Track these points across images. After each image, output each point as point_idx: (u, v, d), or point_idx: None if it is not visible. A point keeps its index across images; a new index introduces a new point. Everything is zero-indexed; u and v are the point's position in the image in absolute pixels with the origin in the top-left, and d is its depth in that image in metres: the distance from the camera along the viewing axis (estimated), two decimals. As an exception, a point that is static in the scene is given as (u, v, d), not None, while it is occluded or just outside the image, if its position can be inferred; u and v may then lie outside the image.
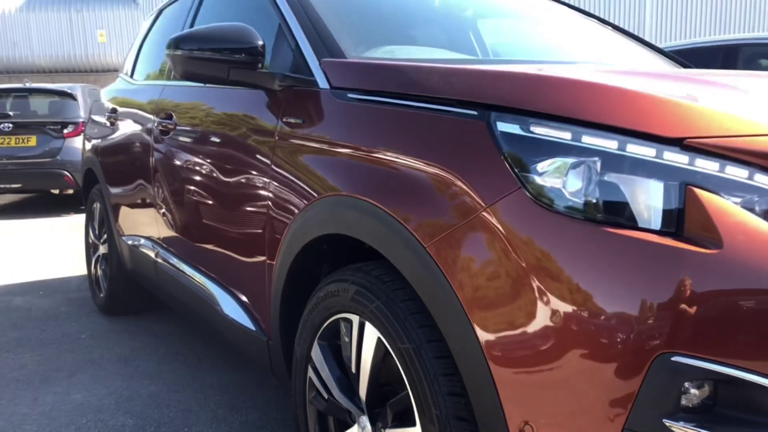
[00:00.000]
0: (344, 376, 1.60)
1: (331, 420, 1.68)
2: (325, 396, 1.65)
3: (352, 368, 1.55)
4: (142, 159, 2.92)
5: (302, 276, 1.79)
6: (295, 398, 1.80)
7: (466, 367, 1.23)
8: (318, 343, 1.67)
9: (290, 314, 1.83)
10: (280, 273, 1.81)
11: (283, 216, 1.81)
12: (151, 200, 2.87)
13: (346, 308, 1.53)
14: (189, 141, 2.46)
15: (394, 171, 1.42)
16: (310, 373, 1.71)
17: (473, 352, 1.21)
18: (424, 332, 1.33)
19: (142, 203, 3.02)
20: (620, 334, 1.05)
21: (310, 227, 1.67)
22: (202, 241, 2.38)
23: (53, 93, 8.47)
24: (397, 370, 1.38)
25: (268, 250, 1.90)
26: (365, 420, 1.52)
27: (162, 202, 2.74)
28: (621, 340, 1.05)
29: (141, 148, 2.96)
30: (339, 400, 1.60)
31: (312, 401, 1.72)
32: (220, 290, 2.26)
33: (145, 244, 3.01)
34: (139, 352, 3.20)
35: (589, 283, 1.09)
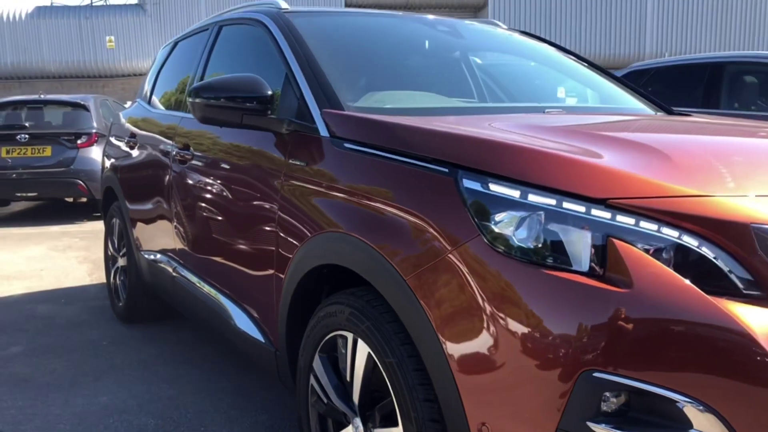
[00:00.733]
0: (341, 384, 1.89)
1: (330, 421, 1.97)
2: (325, 400, 1.94)
3: (347, 377, 1.84)
4: (161, 183, 3.22)
5: (306, 296, 2.08)
6: (299, 402, 2.09)
7: (437, 378, 1.52)
8: (319, 356, 1.96)
9: (295, 329, 2.12)
10: (287, 293, 2.10)
11: (289, 244, 2.09)
12: (169, 220, 3.16)
13: (342, 327, 1.82)
14: (205, 170, 2.76)
15: (381, 214, 1.71)
16: (312, 381, 2.00)
17: (442, 366, 1.49)
18: (405, 349, 1.61)
19: (160, 222, 3.31)
20: (554, 354, 1.34)
21: (311, 257, 1.96)
22: (217, 260, 2.67)
23: (67, 104, 8.80)
24: (384, 379, 1.67)
25: (276, 273, 2.19)
26: (358, 421, 1.81)
27: (180, 223, 3.03)
28: (555, 359, 1.33)
29: (160, 172, 3.25)
30: (336, 404, 1.89)
31: (314, 405, 2.01)
32: (232, 305, 2.55)
33: (163, 259, 3.31)
34: (157, 358, 3.49)
35: (532, 313, 1.37)
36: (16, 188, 8.21)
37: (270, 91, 2.21)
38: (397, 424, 1.63)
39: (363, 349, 1.75)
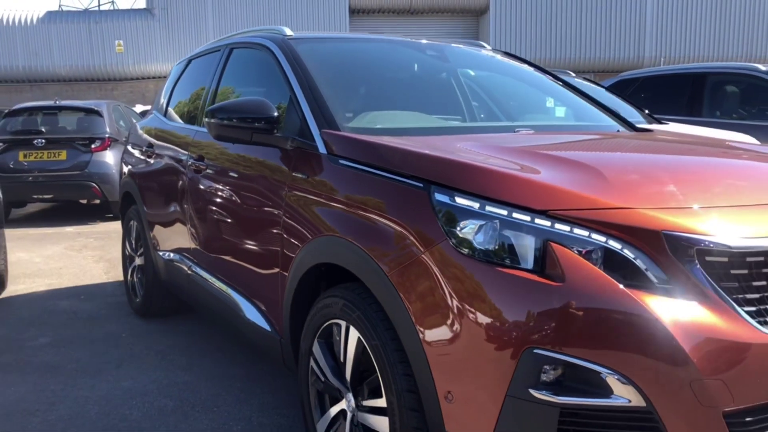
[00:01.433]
0: (336, 365, 2.23)
1: (327, 397, 2.31)
2: (323, 379, 2.28)
3: (341, 358, 2.17)
4: (177, 189, 3.56)
5: (306, 290, 2.42)
6: (301, 382, 2.42)
7: (413, 356, 1.85)
8: (317, 341, 2.30)
9: (297, 319, 2.45)
10: (290, 288, 2.44)
11: (292, 245, 2.43)
12: (184, 223, 3.51)
13: (337, 316, 2.16)
14: (218, 179, 3.10)
15: (370, 221, 2.04)
16: (312, 363, 2.34)
17: (417, 347, 1.82)
18: (388, 333, 1.95)
19: (175, 225, 3.66)
20: (504, 335, 1.67)
21: (311, 256, 2.30)
22: (228, 260, 3.01)
23: (81, 110, 9.16)
24: (371, 360, 2.00)
25: (281, 270, 2.53)
26: (350, 395, 2.15)
27: (194, 226, 3.37)
28: (504, 339, 1.67)
29: (176, 180, 3.60)
30: (332, 381, 2.23)
31: (313, 384, 2.35)
32: (242, 299, 2.89)
33: (178, 258, 3.65)
34: (173, 348, 3.83)
35: (488, 303, 1.70)
36: (33, 190, 8.57)
37: (276, 113, 2.55)
38: (382, 396, 1.97)
39: (354, 335, 2.08)
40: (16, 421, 2.93)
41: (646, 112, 5.92)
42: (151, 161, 4.09)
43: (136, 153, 4.45)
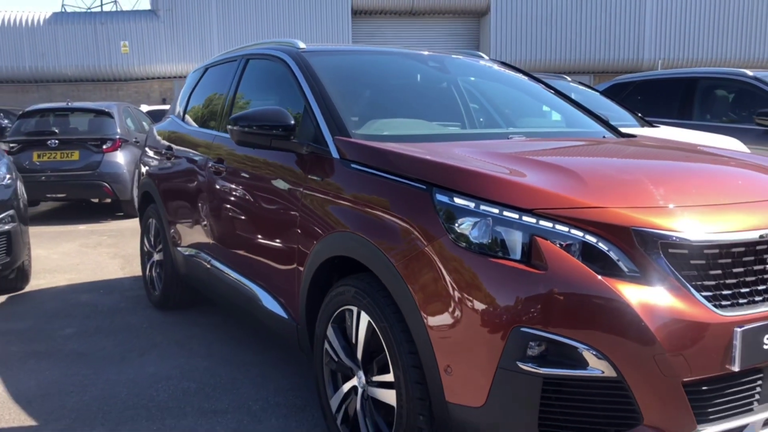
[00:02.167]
0: (348, 346, 2.50)
1: (339, 375, 2.58)
2: (336, 359, 2.56)
3: (353, 340, 2.45)
4: (197, 189, 3.84)
5: (320, 281, 2.69)
6: (316, 363, 2.70)
7: (418, 336, 2.12)
8: (331, 326, 2.57)
9: (312, 307, 2.73)
10: (306, 278, 2.71)
11: (308, 240, 2.71)
12: (204, 221, 3.78)
13: (350, 302, 2.43)
14: (237, 180, 3.37)
15: (379, 219, 2.32)
16: (326, 346, 2.61)
17: (421, 328, 2.10)
18: (395, 317, 2.22)
19: (195, 222, 3.93)
20: (495, 316, 1.94)
21: (326, 250, 2.57)
22: (247, 254, 3.28)
23: (92, 111, 9.45)
24: (380, 340, 2.28)
25: (297, 262, 2.80)
26: (361, 373, 2.42)
27: (214, 223, 3.65)
28: (496, 320, 1.94)
29: (196, 180, 3.87)
30: (345, 361, 2.50)
31: (327, 364, 2.63)
32: (260, 290, 3.17)
33: (198, 254, 3.93)
34: (191, 338, 4.11)
35: (481, 288, 1.98)
36: (47, 190, 8.85)
37: (293, 121, 2.82)
38: (389, 371, 2.24)
39: (365, 319, 2.36)
40: (54, 401, 3.20)
41: (639, 115, 6.19)
42: (170, 163, 4.37)
43: (155, 155, 4.73)
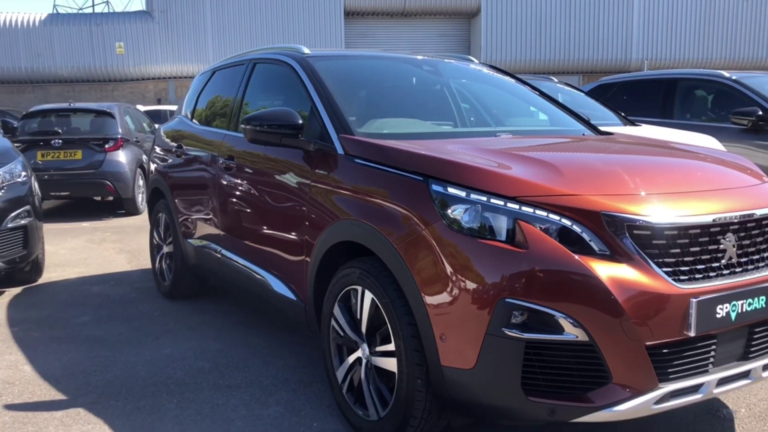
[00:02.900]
0: (353, 322, 2.79)
1: (345, 348, 2.87)
2: (342, 334, 2.85)
3: (358, 316, 2.74)
4: (208, 185, 4.12)
5: (328, 264, 2.98)
6: (323, 339, 2.99)
7: (416, 310, 2.41)
8: (338, 304, 2.86)
9: (319, 289, 3.02)
10: (314, 263, 3.00)
11: (316, 228, 2.99)
12: (214, 214, 4.06)
13: (355, 282, 2.72)
14: (248, 176, 3.66)
15: (381, 207, 2.61)
16: (333, 323, 2.90)
17: (419, 302, 2.39)
18: (396, 294, 2.51)
19: (205, 215, 4.22)
20: (484, 289, 2.24)
21: (333, 236, 2.87)
22: (258, 243, 3.57)
23: (94, 112, 9.70)
24: (382, 315, 2.57)
25: (306, 249, 3.09)
26: (365, 345, 2.72)
27: (225, 216, 3.93)
28: (484, 292, 2.24)
29: (206, 177, 4.16)
30: (350, 335, 2.79)
31: (333, 339, 2.92)
32: (270, 276, 3.45)
33: (208, 245, 4.21)
34: (202, 324, 4.39)
35: (472, 266, 2.27)
36: (51, 188, 9.08)
37: (300, 121, 3.11)
38: (391, 342, 2.54)
39: (368, 296, 2.65)
40: (78, 379, 3.48)
41: (622, 114, 6.51)
42: (181, 160, 4.65)
43: (164, 153, 5.01)
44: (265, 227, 3.49)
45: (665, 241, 2.29)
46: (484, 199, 2.33)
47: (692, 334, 2.26)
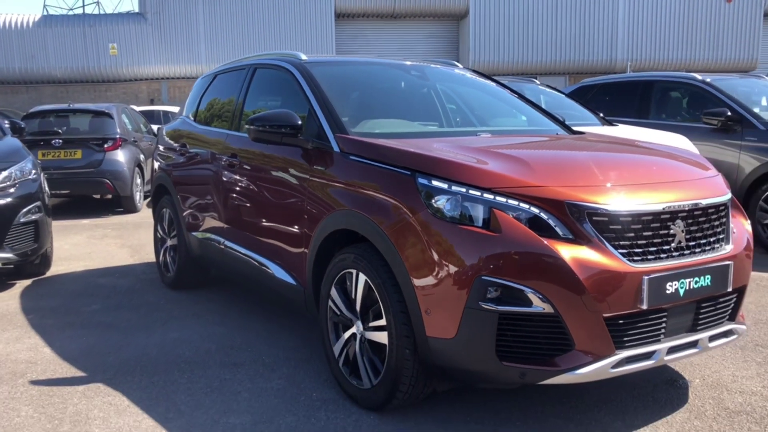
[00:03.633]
0: (348, 301, 3.12)
1: (341, 326, 3.20)
2: (338, 313, 3.17)
3: (352, 296, 3.07)
4: (212, 181, 4.44)
5: (325, 251, 3.30)
6: (321, 319, 3.31)
7: (405, 288, 2.74)
8: (334, 287, 3.18)
9: (318, 273, 3.34)
10: (312, 250, 3.32)
11: (315, 219, 3.32)
12: (218, 208, 4.38)
13: (350, 266, 3.05)
14: (250, 172, 3.98)
15: (373, 198, 2.94)
16: (330, 303, 3.22)
17: (408, 281, 2.72)
18: (387, 275, 2.84)
19: (209, 209, 4.53)
20: (463, 268, 2.57)
21: (330, 225, 3.19)
22: (260, 234, 3.89)
23: (93, 112, 9.98)
24: (375, 294, 2.90)
25: (304, 238, 3.42)
26: (359, 322, 3.04)
27: (227, 210, 4.25)
28: (464, 272, 2.57)
29: (210, 173, 4.47)
30: (345, 313, 3.12)
31: (330, 318, 3.24)
32: (272, 263, 3.77)
33: (212, 237, 4.52)
34: (206, 311, 4.70)
35: (453, 249, 2.60)
36: (51, 187, 9.20)
37: (300, 121, 3.43)
38: (382, 317, 2.87)
39: (362, 278, 2.98)
40: (95, 359, 3.79)
41: (601, 115, 6.87)
42: (185, 158, 4.96)
43: (168, 152, 5.32)
44: (266, 219, 3.81)
45: (621, 227, 2.63)
46: (464, 190, 2.66)
47: (644, 307, 2.60)
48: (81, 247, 7.28)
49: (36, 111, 9.98)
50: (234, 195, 4.17)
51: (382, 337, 2.90)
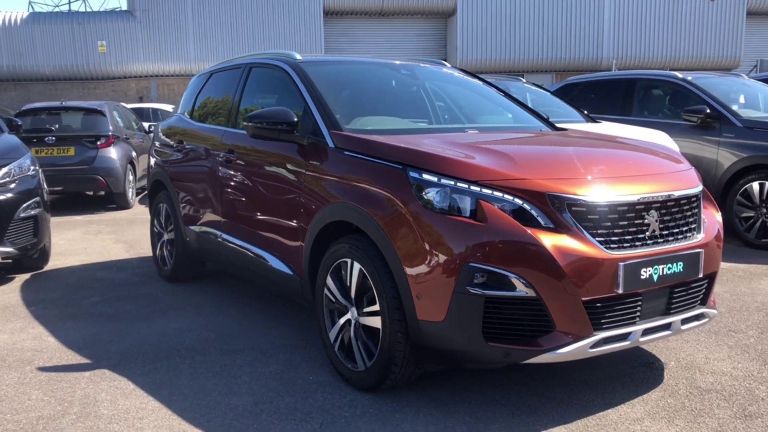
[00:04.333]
0: (343, 289, 3.29)
1: (336, 313, 3.37)
2: (333, 301, 3.34)
3: (347, 284, 3.24)
4: (209, 176, 4.59)
5: (321, 242, 3.47)
6: (317, 307, 3.48)
7: (397, 275, 2.92)
8: (330, 276, 3.36)
9: (314, 263, 3.51)
10: (309, 241, 3.49)
11: (310, 212, 3.49)
12: (215, 202, 4.54)
13: (345, 255, 3.22)
14: (247, 167, 4.14)
15: (366, 191, 3.12)
16: (326, 291, 3.40)
17: (400, 269, 2.90)
18: (380, 263, 3.01)
19: (206, 204, 4.68)
20: (452, 256, 2.75)
21: (325, 217, 3.36)
22: (257, 226, 4.05)
23: (85, 110, 10.08)
24: (368, 282, 3.07)
25: (301, 230, 3.58)
26: (353, 309, 3.22)
27: (225, 204, 4.41)
28: (453, 259, 2.75)
29: (207, 169, 4.62)
30: (341, 300, 3.29)
31: (326, 305, 3.41)
32: (269, 255, 3.94)
33: (209, 230, 4.68)
34: (203, 303, 4.86)
35: (442, 238, 2.78)
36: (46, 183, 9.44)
37: (296, 118, 3.60)
38: (376, 303, 3.04)
39: (357, 267, 3.15)
40: (99, 347, 3.94)
41: (585, 112, 7.08)
42: (182, 155, 5.11)
43: (165, 148, 5.46)
44: (263, 212, 3.98)
45: (598, 216, 2.82)
46: (452, 183, 2.84)
47: (620, 291, 2.80)
48: (76, 242, 7.40)
49: (29, 108, 10.07)
50: (231, 189, 4.33)
51: (375, 322, 3.07)
